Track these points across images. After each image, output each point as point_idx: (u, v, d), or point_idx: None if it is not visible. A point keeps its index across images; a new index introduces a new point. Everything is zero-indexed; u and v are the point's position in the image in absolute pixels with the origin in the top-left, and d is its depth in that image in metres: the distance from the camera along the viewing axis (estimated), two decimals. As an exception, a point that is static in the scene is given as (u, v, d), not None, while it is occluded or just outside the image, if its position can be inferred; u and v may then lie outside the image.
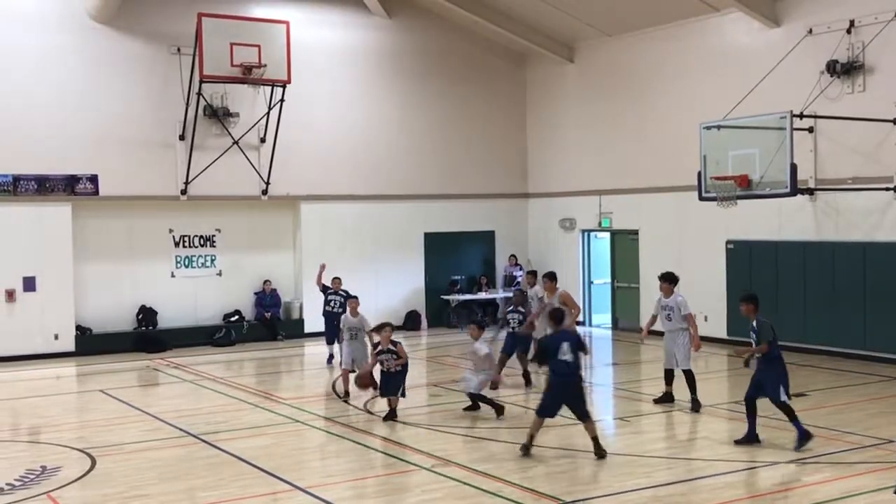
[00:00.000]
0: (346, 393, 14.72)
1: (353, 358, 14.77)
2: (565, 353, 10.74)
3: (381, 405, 13.48)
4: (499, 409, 13.08)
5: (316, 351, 20.13)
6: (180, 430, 12.70)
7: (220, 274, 21.96)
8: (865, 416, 12.66)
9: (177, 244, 21.56)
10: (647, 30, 21.49)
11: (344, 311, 17.44)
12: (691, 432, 12.41)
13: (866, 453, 10.73)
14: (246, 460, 10.97)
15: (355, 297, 15.63)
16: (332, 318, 17.75)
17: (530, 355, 14.01)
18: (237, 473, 10.52)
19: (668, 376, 13.72)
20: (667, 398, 13.68)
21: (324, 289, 18.04)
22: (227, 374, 17.81)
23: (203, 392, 15.87)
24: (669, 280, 13.71)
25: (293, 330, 22.13)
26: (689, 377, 13.38)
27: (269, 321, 21.97)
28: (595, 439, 10.77)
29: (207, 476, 10.46)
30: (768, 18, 18.64)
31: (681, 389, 13.54)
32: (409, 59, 23.75)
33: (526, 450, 10.84)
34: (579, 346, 10.92)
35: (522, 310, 15.65)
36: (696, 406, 13.22)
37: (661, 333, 13.91)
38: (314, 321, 21.72)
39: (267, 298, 22.10)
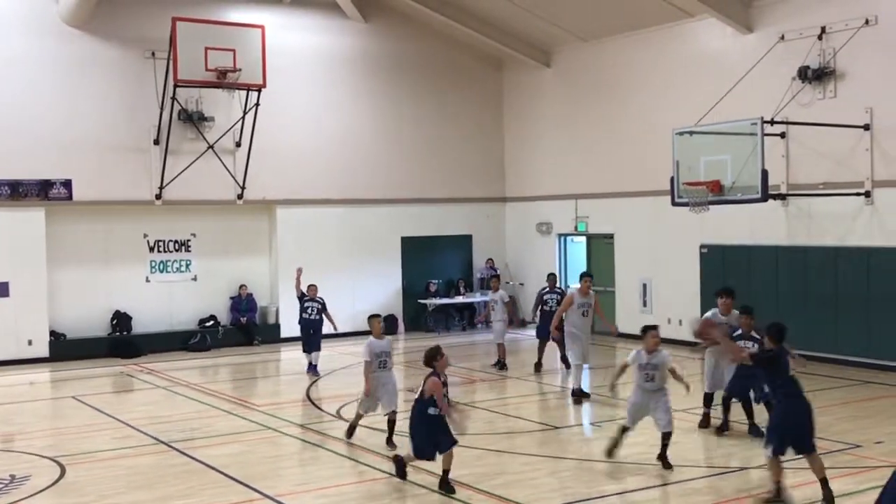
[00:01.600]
0: (390, 440, 11.73)
1: (388, 395, 11.78)
2: (791, 369, 9.28)
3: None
4: (667, 464, 10.42)
5: (292, 356, 20.11)
6: (152, 437, 12.66)
7: (195, 279, 21.89)
8: (834, 420, 12.74)
9: (151, 249, 21.48)
10: (623, 35, 21.59)
11: (321, 319, 17.34)
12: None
13: (834, 458, 10.78)
14: (217, 468, 10.94)
15: (378, 315, 12.36)
16: (310, 326, 17.53)
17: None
18: (208, 482, 10.49)
19: (710, 400, 12.54)
20: (707, 421, 12.44)
21: (301, 296, 17.69)
22: (202, 380, 17.74)
23: (177, 398, 15.81)
24: (732, 295, 12.56)
25: (269, 335, 22.09)
26: (749, 404, 12.15)
27: (244, 326, 21.92)
28: (823, 480, 9.04)
29: (178, 484, 10.43)
30: (741, 24, 18.77)
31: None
32: (385, 63, 23.76)
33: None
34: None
35: (559, 289, 15.96)
36: (756, 431, 11.78)
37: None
38: (291, 326, 21.73)
39: (243, 303, 22.06)
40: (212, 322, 21.83)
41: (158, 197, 20.97)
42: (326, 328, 17.70)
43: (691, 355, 14.47)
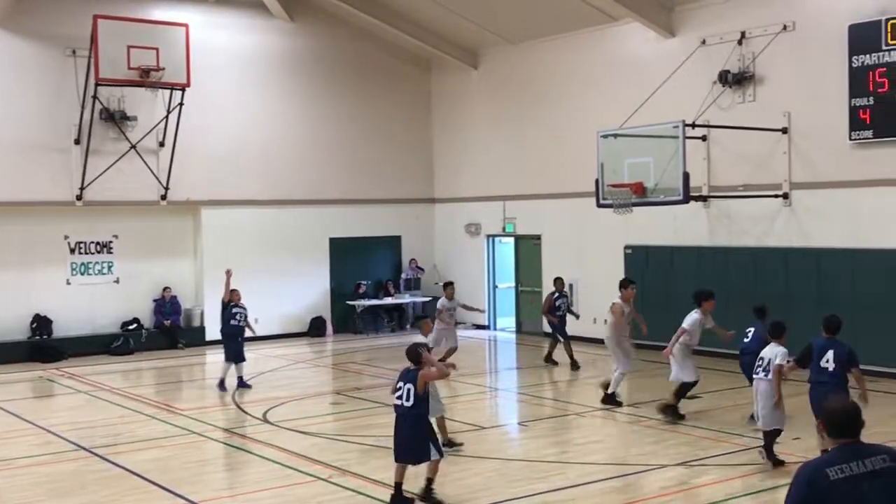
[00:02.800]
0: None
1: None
2: (828, 360, 10.06)
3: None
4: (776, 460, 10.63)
5: (218, 359, 19.84)
6: (73, 443, 12.41)
7: (117, 281, 21.49)
8: (753, 417, 13.02)
9: (72, 251, 21.03)
10: (549, 38, 21.80)
11: (246, 324, 16.71)
12: (586, 436, 12.63)
13: (751, 455, 11.06)
14: (140, 474, 10.78)
15: (426, 317, 13.02)
16: (237, 334, 16.28)
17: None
18: (130, 488, 10.34)
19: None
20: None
21: (228, 302, 16.41)
22: (125, 385, 17.45)
23: (99, 403, 15.51)
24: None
25: (194, 338, 21.77)
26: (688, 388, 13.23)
27: (168, 329, 21.58)
28: None
29: (100, 491, 10.26)
30: (664, 29, 19.09)
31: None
32: (312, 63, 23.62)
33: None
34: (850, 359, 10.05)
35: (567, 293, 16.98)
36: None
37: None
38: (216, 329, 21.55)
39: (166, 306, 21.72)
40: (135, 325, 21.47)
41: (79, 198, 20.54)
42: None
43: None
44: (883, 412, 13.25)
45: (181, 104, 20.56)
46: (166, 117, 20.88)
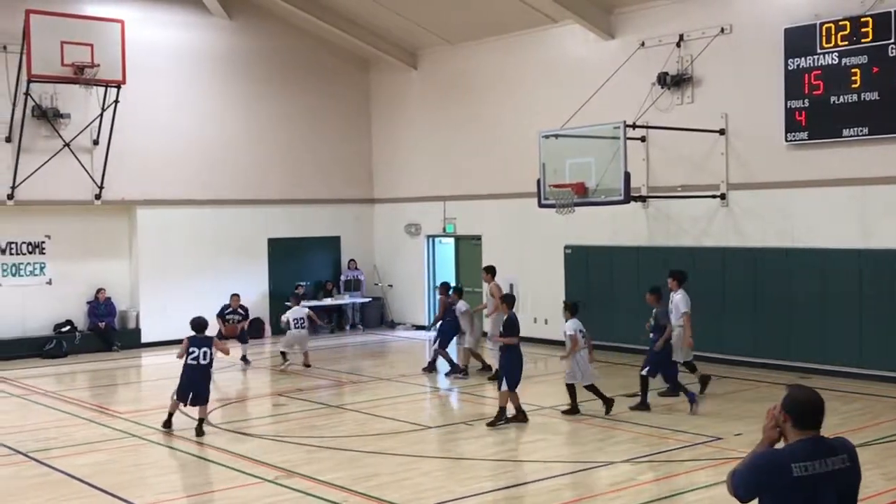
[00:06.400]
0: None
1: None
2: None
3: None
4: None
5: (154, 362, 19.61)
6: (8, 447, 12.06)
7: (49, 282, 20.97)
8: (693, 414, 13.21)
9: (3, 251, 20.45)
10: (489, 39, 21.86)
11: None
12: (532, 435, 12.66)
13: (696, 451, 11.22)
14: (80, 478, 10.53)
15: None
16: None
17: None
18: (71, 492, 10.09)
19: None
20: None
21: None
22: (59, 388, 17.05)
23: (32, 407, 15.12)
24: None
25: (129, 340, 21.35)
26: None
27: (103, 331, 21.12)
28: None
29: (38, 496, 9.99)
30: (603, 31, 19.27)
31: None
32: (251, 61, 23.35)
33: None
34: None
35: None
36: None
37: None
38: (151, 330, 21.26)
39: (101, 307, 21.25)
40: (68, 327, 20.97)
41: (11, 197, 20.00)
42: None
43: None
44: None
45: (116, 102, 20.17)
46: (101, 115, 20.44)
